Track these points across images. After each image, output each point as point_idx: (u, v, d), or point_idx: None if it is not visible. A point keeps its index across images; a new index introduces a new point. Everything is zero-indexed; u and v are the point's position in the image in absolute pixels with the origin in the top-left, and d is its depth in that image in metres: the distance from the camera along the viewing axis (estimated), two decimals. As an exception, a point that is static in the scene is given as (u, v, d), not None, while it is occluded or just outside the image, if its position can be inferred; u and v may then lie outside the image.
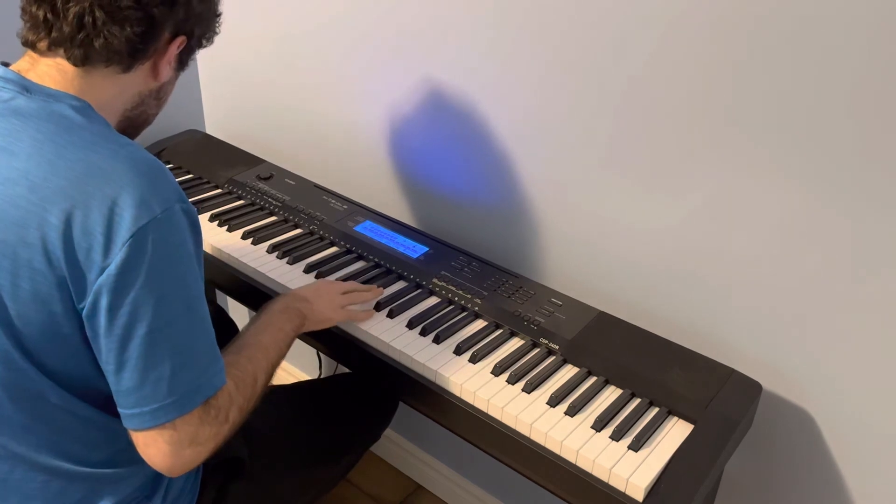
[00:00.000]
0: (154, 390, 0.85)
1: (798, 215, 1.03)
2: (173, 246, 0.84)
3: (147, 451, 0.88)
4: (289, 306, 1.10)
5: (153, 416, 0.85)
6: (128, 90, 0.93)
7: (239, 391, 0.93)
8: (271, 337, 1.04)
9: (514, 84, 1.24)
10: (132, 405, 0.85)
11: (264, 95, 1.69)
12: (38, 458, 0.91)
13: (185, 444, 0.87)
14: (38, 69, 0.88)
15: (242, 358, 0.98)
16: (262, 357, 1.00)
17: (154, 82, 0.95)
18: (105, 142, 0.85)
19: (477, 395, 1.03)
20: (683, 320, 1.19)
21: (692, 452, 0.96)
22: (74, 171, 0.82)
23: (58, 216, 0.80)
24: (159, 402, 0.85)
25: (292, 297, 1.13)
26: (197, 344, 0.88)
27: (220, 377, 0.90)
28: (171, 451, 0.87)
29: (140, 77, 0.93)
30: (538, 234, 1.32)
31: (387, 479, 1.86)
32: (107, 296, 0.81)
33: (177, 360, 0.85)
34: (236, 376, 0.94)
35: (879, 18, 0.88)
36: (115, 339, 0.83)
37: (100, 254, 0.80)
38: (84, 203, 0.80)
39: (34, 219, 0.81)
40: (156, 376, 0.84)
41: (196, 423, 0.87)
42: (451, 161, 1.40)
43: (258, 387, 0.98)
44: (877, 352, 1.02)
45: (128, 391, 0.85)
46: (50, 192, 0.81)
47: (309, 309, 1.12)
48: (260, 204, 1.47)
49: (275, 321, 1.07)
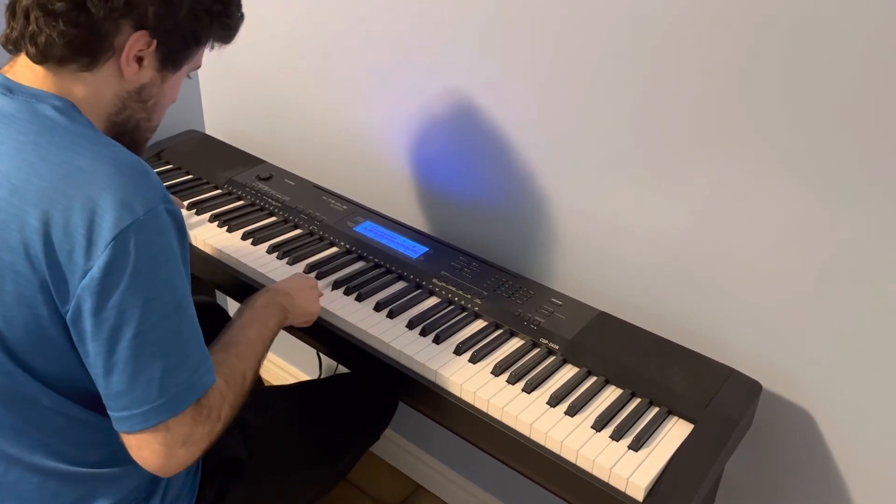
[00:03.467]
0: (145, 392, 0.84)
1: (798, 215, 1.03)
2: (158, 247, 0.83)
3: (140, 453, 0.87)
4: (271, 301, 1.10)
5: (144, 418, 0.85)
6: (103, 91, 0.90)
7: (229, 388, 0.94)
8: (257, 333, 1.04)
9: (515, 84, 1.24)
10: (122, 408, 0.85)
11: (264, 96, 1.69)
12: (32, 459, 0.91)
13: (179, 444, 0.87)
14: (15, 69, 0.88)
15: (231, 356, 0.98)
16: (250, 353, 1.01)
17: (127, 83, 0.91)
18: (88, 143, 0.84)
19: (477, 395, 1.03)
20: (683, 320, 1.19)
21: (692, 452, 0.96)
22: (56, 173, 0.81)
23: (38, 218, 0.80)
24: (150, 403, 0.84)
25: (274, 291, 1.13)
26: (186, 344, 0.87)
27: (210, 376, 0.90)
28: (165, 453, 0.87)
29: (109, 77, 0.89)
30: (538, 235, 1.32)
31: (387, 479, 1.86)
32: (91, 299, 0.80)
33: (166, 362, 0.85)
34: (226, 374, 0.94)
35: (885, 19, 0.88)
36: (102, 342, 0.82)
37: (81, 256, 0.80)
38: (65, 205, 0.80)
39: (15, 221, 0.80)
40: (146, 378, 0.84)
41: (189, 424, 0.87)
42: (451, 161, 1.40)
43: (247, 383, 0.98)
44: (876, 351, 1.02)
45: (117, 394, 0.84)
46: (31, 194, 0.80)
47: (290, 303, 1.12)
48: (260, 204, 1.47)
49: (259, 316, 1.07)
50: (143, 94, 0.94)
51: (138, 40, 0.87)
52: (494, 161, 1.32)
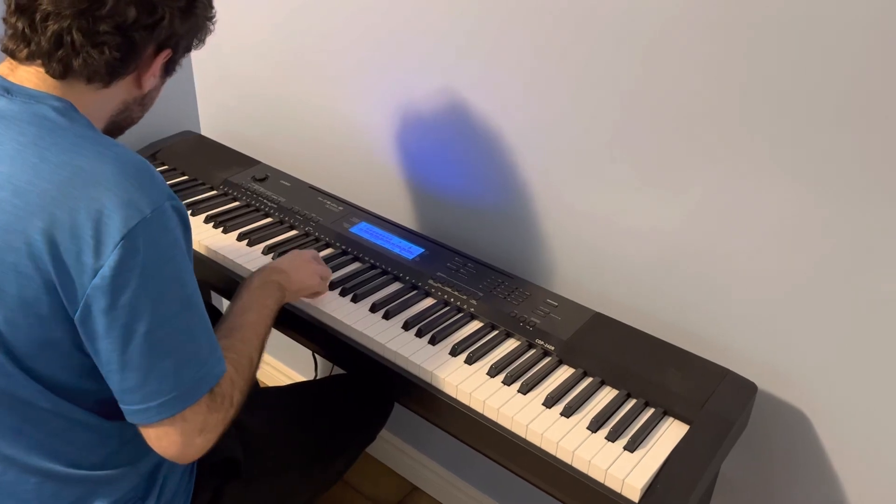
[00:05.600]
0: (159, 386, 0.86)
1: (793, 215, 1.03)
2: (166, 244, 0.84)
3: (160, 443, 0.89)
4: (267, 280, 1.11)
5: (160, 410, 0.86)
6: (111, 100, 0.93)
7: (239, 374, 0.96)
8: (257, 314, 1.05)
9: (510, 84, 1.25)
10: (137, 402, 0.86)
11: (259, 97, 1.69)
12: (30, 460, 0.91)
13: (196, 433, 0.89)
14: (18, 73, 0.88)
15: (236, 341, 0.99)
16: (254, 336, 1.03)
17: (138, 92, 0.94)
18: (90, 143, 0.85)
19: (473, 396, 1.03)
20: (679, 321, 1.19)
21: (688, 453, 0.97)
22: (59, 175, 0.81)
23: (43, 220, 0.80)
24: (165, 395, 0.86)
25: (269, 270, 1.14)
26: (197, 337, 0.89)
27: (221, 365, 0.91)
28: (184, 441, 0.89)
29: (123, 88, 0.92)
30: (533, 235, 1.32)
31: (383, 480, 1.86)
32: (103, 298, 0.81)
33: (179, 355, 0.86)
34: (234, 360, 0.96)
35: (880, 19, 0.88)
36: (115, 340, 0.83)
37: (91, 257, 0.80)
38: (70, 207, 0.80)
39: (19, 223, 0.81)
40: (159, 373, 0.85)
41: (204, 412, 0.89)
42: (447, 162, 1.40)
43: (254, 367, 1.00)
44: (871, 351, 1.03)
45: (131, 389, 0.86)
46: (34, 196, 0.81)
47: (287, 279, 1.13)
48: (255, 205, 1.47)
49: (257, 298, 1.08)
50: (146, 99, 0.98)
51: (165, 58, 0.92)
52: (491, 162, 1.32)
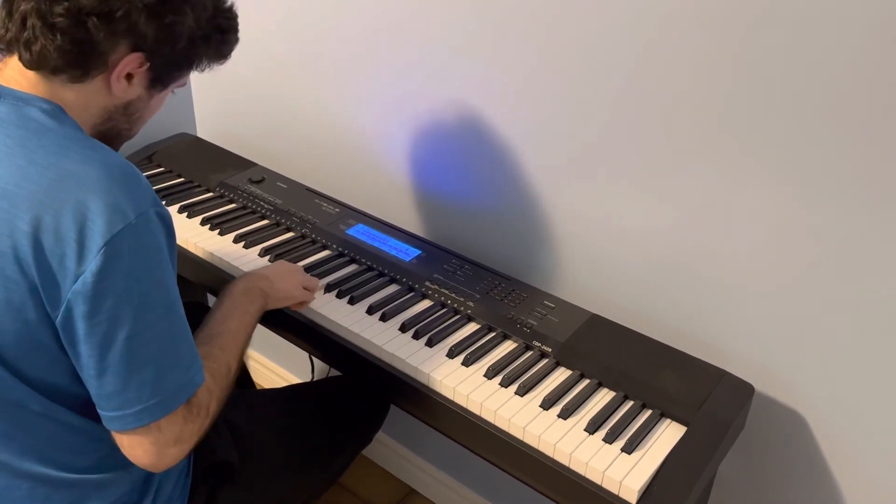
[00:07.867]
0: (138, 393, 0.85)
1: (789, 217, 1.03)
2: (150, 250, 0.84)
3: (133, 451, 0.88)
4: (250, 287, 1.11)
5: (137, 418, 0.85)
6: (91, 102, 0.90)
7: (216, 383, 0.94)
8: (239, 322, 1.05)
9: (507, 86, 1.25)
10: (114, 408, 0.85)
11: (255, 98, 1.69)
12: (21, 465, 0.90)
13: (171, 443, 0.88)
14: (5, 73, 0.88)
15: (215, 349, 0.98)
16: (233, 344, 1.02)
17: (112, 98, 0.91)
18: (77, 146, 0.84)
19: (470, 398, 1.03)
20: (676, 322, 1.19)
21: (685, 454, 0.97)
22: (46, 177, 0.80)
23: (29, 223, 0.79)
24: (143, 403, 0.85)
25: (253, 277, 1.14)
26: (178, 345, 0.88)
27: (199, 375, 0.91)
28: (157, 451, 0.88)
29: (98, 90, 0.89)
30: (530, 237, 1.32)
31: (379, 482, 1.85)
32: (83, 303, 0.80)
33: (159, 363, 0.85)
34: (212, 369, 0.95)
35: (870, 23, 0.89)
36: (95, 345, 0.82)
37: (73, 261, 0.79)
38: (55, 209, 0.79)
39: (5, 226, 0.80)
40: (139, 380, 0.84)
41: (180, 423, 0.88)
42: (444, 164, 1.40)
43: (232, 375, 0.99)
44: (868, 353, 1.03)
45: (109, 395, 0.85)
46: (21, 198, 0.80)
47: (270, 287, 1.13)
48: (252, 207, 1.46)
49: (239, 304, 1.07)
50: (130, 109, 0.95)
51: (133, 61, 0.88)
52: (488, 164, 1.32)
